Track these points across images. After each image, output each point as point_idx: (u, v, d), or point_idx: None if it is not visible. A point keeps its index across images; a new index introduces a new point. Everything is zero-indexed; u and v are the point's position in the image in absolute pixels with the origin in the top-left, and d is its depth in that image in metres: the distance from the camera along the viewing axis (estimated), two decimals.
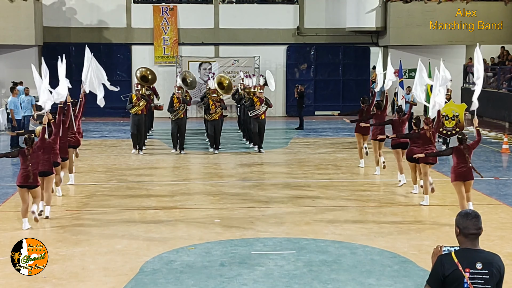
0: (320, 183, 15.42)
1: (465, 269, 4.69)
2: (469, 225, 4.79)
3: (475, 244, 4.80)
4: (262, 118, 19.66)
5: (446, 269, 4.72)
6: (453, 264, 4.71)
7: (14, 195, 13.89)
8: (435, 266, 4.78)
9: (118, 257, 9.77)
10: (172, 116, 19.55)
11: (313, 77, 30.84)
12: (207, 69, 29.45)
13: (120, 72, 29.70)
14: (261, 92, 19.83)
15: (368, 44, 31.21)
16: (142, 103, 19.23)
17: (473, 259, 4.72)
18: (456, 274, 4.69)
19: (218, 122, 19.61)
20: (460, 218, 4.84)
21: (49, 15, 29.67)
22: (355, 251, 10.13)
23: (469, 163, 11.52)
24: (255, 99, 19.64)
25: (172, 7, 30.09)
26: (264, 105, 19.59)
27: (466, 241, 4.80)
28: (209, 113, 19.64)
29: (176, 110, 19.39)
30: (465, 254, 4.75)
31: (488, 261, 4.74)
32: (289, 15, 30.81)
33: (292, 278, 8.87)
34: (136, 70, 22.22)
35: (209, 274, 9.01)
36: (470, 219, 4.81)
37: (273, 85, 22.14)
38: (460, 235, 4.82)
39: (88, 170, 17.01)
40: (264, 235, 10.99)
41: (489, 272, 4.71)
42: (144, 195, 14.08)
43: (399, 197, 14.00)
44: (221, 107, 19.61)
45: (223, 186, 15.14)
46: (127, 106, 19.43)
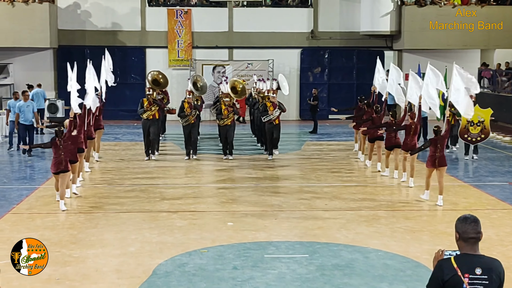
0: (333, 187, 15.40)
1: (464, 275, 4.68)
2: (468, 229, 4.79)
3: (475, 249, 4.79)
4: (276, 123, 19.15)
5: (445, 274, 4.72)
6: (452, 269, 4.70)
7: (28, 197, 13.99)
8: (435, 271, 4.79)
9: (131, 259, 9.81)
10: (182, 121, 19.06)
11: (327, 81, 30.79)
12: (221, 72, 29.50)
13: (134, 75, 29.81)
14: (274, 97, 19.28)
15: (382, 48, 31.12)
16: (154, 108, 18.66)
17: (472, 264, 4.71)
18: (455, 279, 4.68)
19: (230, 127, 19.09)
20: (459, 223, 4.84)
21: (64, 18, 29.82)
22: (368, 255, 10.12)
23: (442, 151, 13.40)
24: (268, 104, 19.11)
25: (186, 11, 30.16)
26: (277, 110, 19.00)
27: (465, 246, 4.79)
28: (221, 118, 19.16)
29: (187, 115, 18.81)
30: (464, 259, 4.74)
31: (488, 267, 4.72)
32: (303, 18, 30.79)
33: (305, 282, 8.87)
34: (148, 73, 21.30)
35: (221, 277, 9.03)
36: (469, 223, 4.80)
37: (286, 89, 21.66)
38: (460, 240, 4.81)
39: (102, 173, 17.08)
40: (277, 239, 11.00)
41: (489, 278, 4.69)
42: (157, 198, 14.11)
43: (412, 201, 13.96)
44: (233, 112, 19.13)
45: (236, 189, 15.15)
46: (139, 110, 18.83)
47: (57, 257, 9.83)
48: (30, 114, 19.75)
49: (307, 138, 24.37)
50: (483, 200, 14.11)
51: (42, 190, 14.79)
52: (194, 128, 19.11)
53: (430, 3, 29.90)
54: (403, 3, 29.83)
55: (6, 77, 29.66)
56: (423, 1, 29.75)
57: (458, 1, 29.84)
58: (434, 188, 13.63)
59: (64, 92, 29.22)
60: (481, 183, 15.93)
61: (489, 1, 30.06)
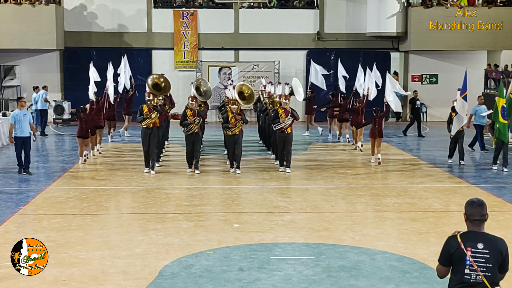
0: (339, 188, 15.38)
1: (467, 248, 5.45)
2: (474, 212, 5.57)
3: (480, 228, 5.55)
4: (289, 132, 17.34)
5: (451, 247, 5.55)
6: (457, 243, 5.51)
7: (35, 199, 14.01)
8: (444, 246, 5.64)
9: (137, 261, 9.81)
10: (185, 130, 17.18)
11: (333, 82, 30.72)
12: (227, 74, 29.51)
13: (140, 76, 29.80)
14: (286, 103, 17.43)
15: (388, 50, 31.12)
16: (154, 115, 16.95)
17: (475, 240, 5.47)
18: (459, 252, 5.47)
19: (239, 136, 17.27)
20: (467, 206, 5.63)
21: (71, 20, 29.91)
22: (374, 257, 10.09)
23: (380, 127, 18.60)
24: (280, 111, 17.32)
25: (192, 12, 30.20)
26: (289, 117, 17.23)
27: (472, 225, 5.58)
28: (227, 127, 17.28)
29: (190, 124, 17.00)
30: (469, 235, 5.53)
31: (490, 242, 5.45)
32: (309, 20, 30.80)
33: (311, 284, 8.85)
34: (148, 77, 18.78)
35: (227, 279, 9.02)
36: (475, 207, 5.58)
37: (301, 95, 19.81)
38: (467, 220, 5.61)
39: (108, 174, 17.10)
40: (283, 240, 10.98)
41: (490, 252, 5.41)
42: (163, 199, 14.12)
43: (418, 203, 13.92)
44: (242, 120, 17.22)
45: (242, 191, 15.14)
46: (137, 118, 17.07)
47: (64, 259, 9.84)
48: (27, 124, 16.83)
49: (313, 139, 24.36)
50: (490, 202, 14.05)
51: (49, 192, 14.81)
52: (197, 138, 17.44)
53: (437, 4, 29.85)
54: (409, 4, 29.81)
55: (12, 79, 29.78)
56: (430, 2, 29.71)
57: (464, 2, 29.79)
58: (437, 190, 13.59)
59: (70, 94, 29.45)
60: (488, 184, 15.89)
61: (496, 2, 30.01)
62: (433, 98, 31.15)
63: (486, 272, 5.40)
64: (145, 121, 16.97)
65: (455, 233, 5.59)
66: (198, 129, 17.28)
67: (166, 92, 18.84)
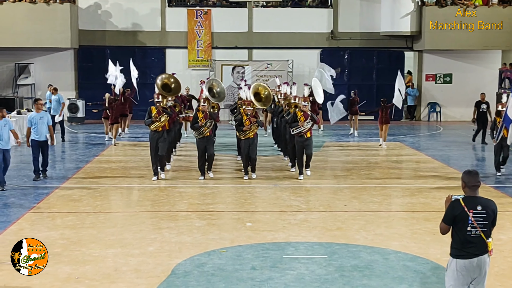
0: (353, 188, 15.34)
1: (469, 210, 6.56)
2: (471, 180, 6.67)
3: (476, 193, 6.67)
4: (308, 136, 16.15)
5: (456, 210, 6.61)
6: (461, 206, 6.59)
7: (48, 196, 14.07)
8: (448, 208, 6.66)
9: (150, 259, 9.83)
10: (196, 134, 16.27)
11: (346, 82, 30.70)
12: (240, 73, 29.52)
13: (154, 75, 29.81)
14: (305, 105, 16.19)
15: (402, 49, 31.03)
16: (164, 118, 15.84)
17: (475, 203, 6.61)
18: (463, 214, 6.57)
19: (253, 141, 16.29)
20: (465, 175, 6.71)
21: (85, 19, 30.03)
22: (387, 256, 10.06)
23: (387, 115, 21.59)
24: (299, 114, 16.05)
25: (206, 11, 30.24)
26: (309, 121, 16.05)
27: (469, 191, 6.67)
28: (242, 130, 16.33)
29: (201, 126, 16.01)
30: (469, 199, 6.63)
31: (485, 204, 6.63)
32: (323, 19, 30.76)
33: (324, 283, 8.83)
34: (157, 77, 17.44)
35: (240, 278, 9.02)
36: (472, 175, 6.68)
37: (321, 97, 18.16)
38: (466, 187, 6.69)
39: (122, 173, 17.14)
40: (296, 239, 10.97)
41: (486, 212, 6.59)
42: (176, 198, 14.14)
43: (432, 202, 13.86)
44: (256, 123, 16.28)
45: (255, 190, 15.13)
46: (145, 121, 15.95)
47: (77, 256, 9.87)
48: (43, 127, 15.95)
49: (326, 138, 24.32)
50: (503, 202, 13.98)
51: (63, 190, 14.88)
52: (210, 142, 16.37)
53: (451, 3, 29.72)
54: (423, 4, 29.70)
55: (27, 77, 29.93)
56: (444, 1, 29.58)
57: (479, 2, 29.64)
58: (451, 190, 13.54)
59: (84, 92, 29.55)
60: (501, 184, 15.81)
61: (511, 2, 29.83)
62: (447, 98, 31.05)
63: (483, 228, 6.58)
64: (153, 124, 15.79)
65: (451, 198, 6.68)
66: (210, 132, 16.31)
67: (177, 94, 17.62)
